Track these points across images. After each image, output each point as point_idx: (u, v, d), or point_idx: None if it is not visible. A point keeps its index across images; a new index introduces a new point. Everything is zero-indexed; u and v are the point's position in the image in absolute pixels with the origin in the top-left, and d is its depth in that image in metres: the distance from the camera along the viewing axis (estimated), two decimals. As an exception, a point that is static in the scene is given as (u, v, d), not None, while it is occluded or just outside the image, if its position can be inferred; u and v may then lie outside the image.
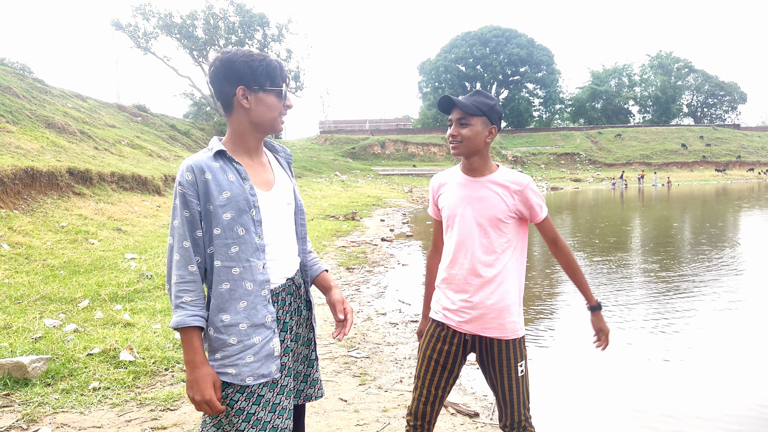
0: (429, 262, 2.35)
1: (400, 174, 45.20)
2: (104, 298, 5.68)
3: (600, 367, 4.54)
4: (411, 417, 2.18)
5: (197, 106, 54.40)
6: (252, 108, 1.67)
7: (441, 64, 71.36)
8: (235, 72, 1.65)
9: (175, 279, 1.61)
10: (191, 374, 1.58)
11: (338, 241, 11.81)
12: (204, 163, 1.63)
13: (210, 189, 1.61)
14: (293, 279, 1.78)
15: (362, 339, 5.05)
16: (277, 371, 1.66)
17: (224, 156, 1.67)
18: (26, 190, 9.54)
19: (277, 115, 1.71)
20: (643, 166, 56.15)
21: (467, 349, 2.13)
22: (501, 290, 2.05)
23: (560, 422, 3.55)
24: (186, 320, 1.57)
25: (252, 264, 1.63)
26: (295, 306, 1.78)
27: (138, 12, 38.20)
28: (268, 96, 1.68)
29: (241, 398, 1.63)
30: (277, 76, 1.69)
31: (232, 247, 1.62)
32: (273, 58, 1.71)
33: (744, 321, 5.74)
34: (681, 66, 79.43)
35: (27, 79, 21.08)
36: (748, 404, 3.80)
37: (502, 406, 2.13)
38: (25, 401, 3.35)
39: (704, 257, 9.59)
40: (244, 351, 1.61)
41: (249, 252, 1.63)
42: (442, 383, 2.13)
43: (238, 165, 1.67)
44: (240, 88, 1.65)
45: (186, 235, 1.61)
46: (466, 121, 2.03)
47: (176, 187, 1.63)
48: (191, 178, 1.61)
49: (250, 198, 1.65)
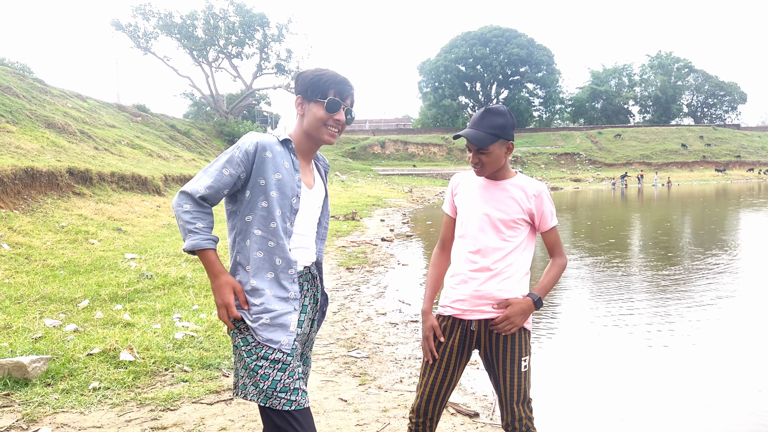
0: (434, 258, 2.33)
1: (400, 174, 45.21)
2: (104, 298, 5.68)
3: (600, 366, 4.54)
4: (413, 414, 2.19)
5: (197, 106, 54.40)
6: (304, 116, 1.91)
7: (441, 64, 71.32)
8: (300, 84, 1.92)
9: (185, 207, 1.78)
10: (213, 283, 1.81)
11: (338, 241, 11.81)
12: (270, 143, 1.83)
13: (267, 166, 1.80)
14: (309, 268, 1.97)
15: (362, 339, 5.05)
16: (287, 345, 1.79)
17: (288, 145, 1.89)
18: (26, 190, 9.54)
19: (321, 125, 1.88)
20: (643, 166, 56.15)
21: (473, 344, 2.17)
22: (509, 282, 2.12)
23: (561, 422, 3.55)
24: (201, 243, 1.76)
25: (283, 243, 1.82)
26: (311, 293, 1.97)
27: (138, 12, 38.20)
28: (316, 106, 1.88)
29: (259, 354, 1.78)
30: (327, 90, 1.87)
31: (272, 223, 1.81)
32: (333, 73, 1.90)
33: (744, 321, 5.74)
34: (681, 66, 79.40)
35: (27, 79, 21.09)
36: (749, 406, 3.80)
37: (503, 403, 2.14)
38: (25, 401, 3.35)
39: (713, 263, 9.59)
40: (263, 313, 1.78)
41: (282, 231, 1.82)
42: (447, 381, 2.15)
43: (295, 157, 1.89)
44: (298, 97, 1.92)
45: (212, 184, 1.78)
46: (484, 150, 2.08)
47: (233, 149, 1.82)
48: (251, 149, 1.80)
49: (296, 188, 1.85)
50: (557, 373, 4.39)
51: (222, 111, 42.05)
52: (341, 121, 1.91)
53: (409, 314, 6.01)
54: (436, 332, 2.17)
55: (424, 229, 14.87)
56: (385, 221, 16.78)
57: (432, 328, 2.17)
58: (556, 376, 4.34)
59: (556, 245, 2.23)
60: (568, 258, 2.27)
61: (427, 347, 2.17)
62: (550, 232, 2.20)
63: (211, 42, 40.29)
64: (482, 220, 2.14)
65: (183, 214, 1.77)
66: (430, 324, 2.18)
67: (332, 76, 1.88)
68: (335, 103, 1.87)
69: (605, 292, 7.19)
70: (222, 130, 37.54)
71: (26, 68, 32.76)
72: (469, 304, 2.13)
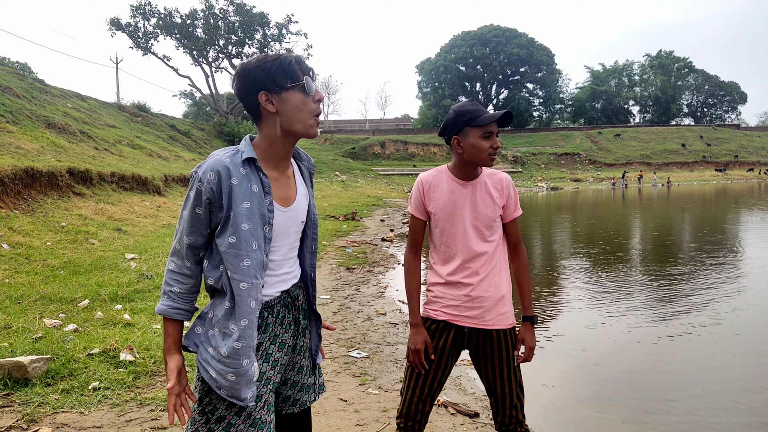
0: (410, 264, 2.24)
1: (400, 174, 45.21)
2: (104, 298, 5.68)
3: (602, 367, 4.54)
4: (401, 419, 2.18)
5: (197, 106, 54.43)
6: (280, 110, 1.60)
7: (441, 64, 71.36)
8: (253, 80, 1.59)
9: (171, 266, 1.61)
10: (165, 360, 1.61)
11: (338, 241, 11.81)
12: (231, 167, 1.56)
13: (234, 195, 1.54)
14: (288, 291, 1.72)
15: (362, 339, 5.05)
16: (252, 399, 1.58)
17: (253, 164, 1.60)
18: (26, 190, 9.54)
19: (308, 114, 1.62)
20: (643, 166, 56.17)
21: (463, 345, 2.18)
22: (496, 282, 2.14)
23: (558, 422, 3.55)
24: (169, 312, 1.59)
25: (257, 282, 1.58)
26: (290, 318, 1.72)
27: (138, 12, 38.24)
28: (291, 94, 1.59)
29: (222, 407, 1.59)
30: (296, 71, 1.60)
31: (245, 260, 1.55)
32: (288, 54, 1.63)
33: (746, 322, 5.74)
34: (681, 66, 79.47)
35: (27, 79, 21.10)
36: (751, 407, 3.80)
37: (498, 403, 2.15)
38: (25, 401, 3.35)
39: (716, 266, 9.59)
40: (229, 368, 1.55)
41: (256, 268, 1.58)
42: (436, 381, 2.16)
43: (264, 177, 1.60)
44: (262, 93, 1.59)
45: (189, 231, 1.58)
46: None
47: (194, 181, 1.57)
48: (213, 179, 1.53)
49: (267, 214, 1.59)
50: (558, 374, 4.39)
51: (222, 111, 42.07)
52: (322, 99, 1.67)
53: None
54: (428, 347, 2.12)
55: (424, 229, 14.84)
56: (386, 221, 16.78)
57: (425, 343, 2.12)
58: (557, 376, 4.34)
59: (518, 238, 2.23)
60: (571, 258, 2.27)
61: (417, 360, 2.11)
62: (513, 223, 2.20)
63: (211, 42, 40.30)
64: (464, 224, 2.13)
65: (167, 272, 1.62)
66: (423, 339, 2.12)
67: (283, 55, 1.61)
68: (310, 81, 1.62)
69: (605, 292, 7.19)
70: (222, 130, 37.56)
71: (26, 68, 32.78)
72: (462, 309, 2.13)
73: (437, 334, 2.15)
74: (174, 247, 1.62)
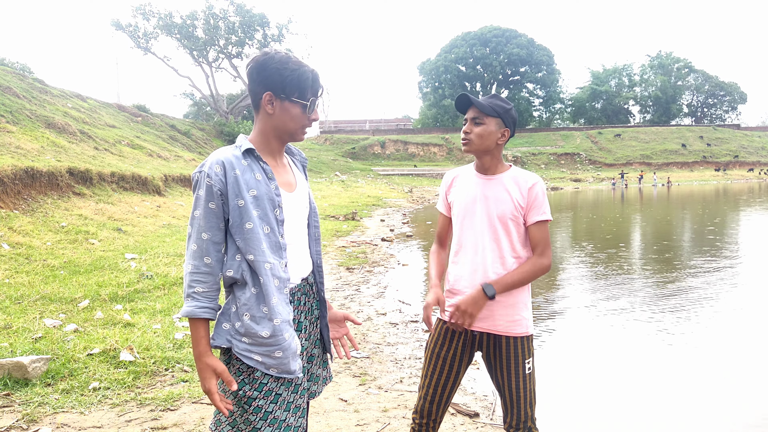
0: (433, 250, 2.30)
1: (400, 174, 45.20)
2: (104, 298, 5.68)
3: (603, 367, 4.54)
4: (417, 415, 2.18)
5: (197, 106, 54.40)
6: (275, 115, 1.68)
7: (441, 64, 71.35)
8: (267, 76, 1.65)
9: (189, 269, 1.62)
10: (197, 364, 1.62)
11: (338, 241, 11.81)
12: (233, 160, 1.63)
13: (240, 185, 1.61)
14: (307, 279, 1.80)
15: (362, 339, 5.05)
16: (299, 371, 1.67)
17: (252, 154, 1.67)
18: (26, 190, 9.54)
19: (299, 127, 1.71)
20: (643, 166, 56.15)
21: (475, 346, 2.16)
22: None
23: (564, 423, 3.55)
24: (195, 311, 1.60)
25: (277, 263, 1.65)
26: (309, 305, 1.80)
27: (138, 12, 38.22)
28: (293, 106, 1.67)
29: (259, 396, 1.63)
30: (308, 89, 1.67)
31: (263, 243, 1.62)
32: (309, 68, 1.69)
33: (744, 321, 5.74)
34: (681, 66, 79.41)
35: (27, 79, 21.09)
36: (752, 409, 3.80)
37: (508, 406, 2.13)
38: (25, 401, 3.35)
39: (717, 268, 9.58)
40: (274, 346, 1.62)
41: (274, 250, 1.65)
42: (449, 382, 2.15)
43: (265, 164, 1.67)
44: (267, 93, 1.65)
45: (206, 227, 1.61)
46: (481, 120, 2.08)
47: (202, 179, 1.61)
48: (220, 171, 1.60)
49: (275, 198, 1.66)
50: (559, 374, 4.39)
51: (222, 111, 42.07)
52: (317, 119, 1.76)
53: (409, 314, 6.00)
54: (440, 305, 2.08)
55: (425, 229, 14.86)
56: (386, 221, 16.77)
57: (436, 300, 2.06)
58: (558, 376, 4.33)
59: (541, 243, 2.07)
60: (568, 258, 2.25)
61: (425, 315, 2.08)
62: (537, 226, 2.07)
63: (211, 42, 40.30)
64: (479, 221, 2.11)
65: (186, 275, 1.63)
66: (436, 296, 2.06)
67: (303, 68, 1.67)
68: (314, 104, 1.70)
69: (606, 291, 7.19)
70: (222, 130, 37.56)
71: (26, 68, 32.76)
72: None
73: (449, 335, 2.15)
74: (190, 249, 1.63)
